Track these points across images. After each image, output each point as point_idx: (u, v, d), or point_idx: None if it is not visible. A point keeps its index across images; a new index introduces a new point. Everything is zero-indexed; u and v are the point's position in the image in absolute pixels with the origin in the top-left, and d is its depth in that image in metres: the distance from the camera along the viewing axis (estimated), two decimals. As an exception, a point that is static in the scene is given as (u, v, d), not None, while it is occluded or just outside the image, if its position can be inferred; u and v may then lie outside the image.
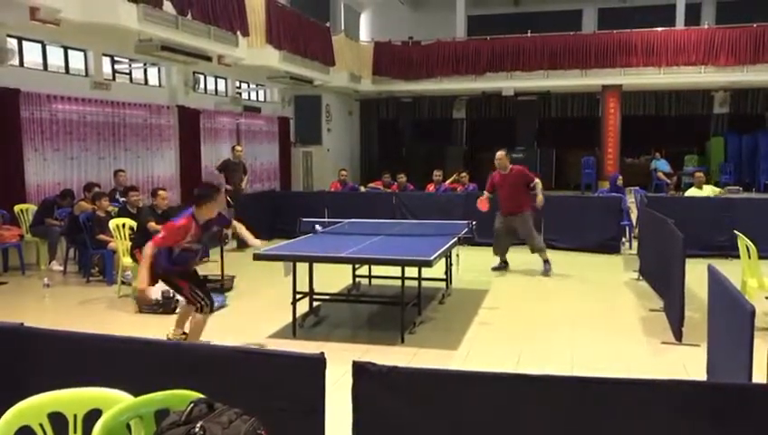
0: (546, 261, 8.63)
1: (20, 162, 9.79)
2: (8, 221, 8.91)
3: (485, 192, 8.85)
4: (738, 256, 6.47)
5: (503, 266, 8.91)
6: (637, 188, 12.72)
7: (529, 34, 18.40)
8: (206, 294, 5.41)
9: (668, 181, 17.47)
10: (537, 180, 8.70)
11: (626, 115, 19.27)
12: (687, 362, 5.00)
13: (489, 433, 2.51)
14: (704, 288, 4.47)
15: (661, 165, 18.39)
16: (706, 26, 17.96)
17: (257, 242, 5.58)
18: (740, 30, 16.78)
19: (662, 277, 6.64)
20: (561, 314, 6.70)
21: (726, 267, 4.46)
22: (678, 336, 5.53)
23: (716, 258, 7.46)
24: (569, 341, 5.79)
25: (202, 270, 8.15)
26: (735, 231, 6.45)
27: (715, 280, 3.92)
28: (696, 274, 5.44)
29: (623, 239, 10.39)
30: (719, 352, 3.90)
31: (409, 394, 2.53)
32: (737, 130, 19.55)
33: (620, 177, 12.00)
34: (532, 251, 8.73)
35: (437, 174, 11.98)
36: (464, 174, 12.12)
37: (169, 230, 5.15)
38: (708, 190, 10.71)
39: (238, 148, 11.76)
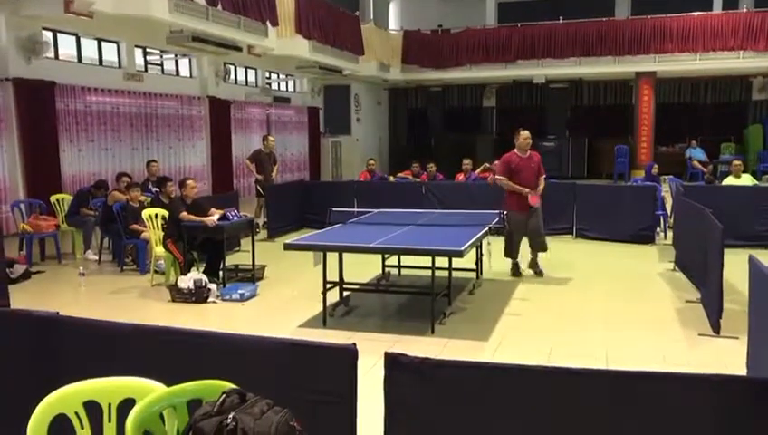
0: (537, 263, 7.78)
1: (56, 153, 9.99)
2: (45, 211, 9.09)
3: (501, 177, 7.72)
4: (779, 247, 6.29)
5: (519, 269, 7.77)
6: (671, 176, 12.46)
7: (561, 21, 18.13)
8: None
9: (704, 170, 17.10)
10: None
11: (660, 103, 18.90)
12: (726, 356, 4.88)
13: (520, 426, 2.47)
14: (742, 279, 4.36)
15: (696, 153, 18.00)
16: (745, 10, 17.46)
17: None
18: (780, 13, 16.30)
19: (699, 268, 6.48)
20: (594, 306, 6.59)
21: (766, 258, 4.33)
22: (716, 328, 5.40)
23: (755, 248, 7.27)
24: (602, 333, 5.70)
25: (233, 260, 8.25)
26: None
27: (757, 270, 3.81)
28: (733, 264, 5.31)
29: (658, 229, 10.19)
30: (761, 346, 3.79)
31: (441, 386, 2.50)
32: (777, 117, 19.04)
33: (656, 165, 11.77)
34: (539, 249, 7.70)
35: (467, 163, 11.87)
36: (496, 162, 11.97)
37: None
38: (746, 179, 10.44)
39: (271, 138, 11.80)
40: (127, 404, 2.25)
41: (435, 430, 2.53)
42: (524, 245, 7.82)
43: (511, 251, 7.73)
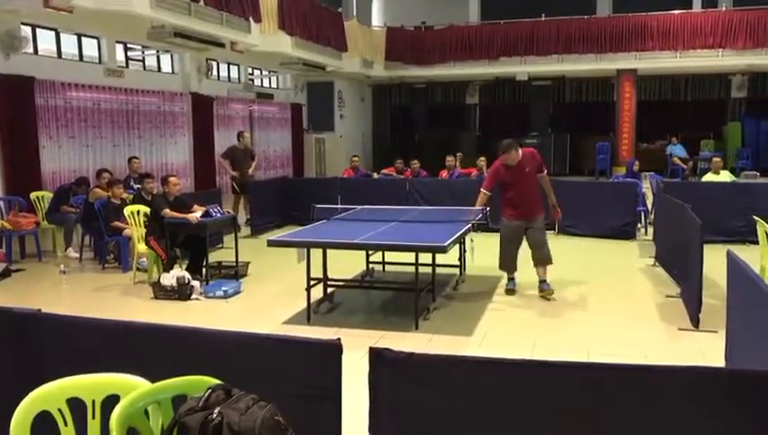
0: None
1: (35, 150, 9.85)
2: (25, 208, 8.98)
3: (484, 191, 6.88)
4: (756, 242, 6.39)
5: (514, 286, 6.98)
6: (652, 173, 12.60)
7: (543, 18, 18.21)
8: None
9: (684, 167, 17.30)
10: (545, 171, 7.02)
11: (641, 100, 19.06)
12: (705, 349, 4.97)
13: (504, 419, 2.50)
14: (721, 274, 4.42)
15: (677, 150, 18.19)
16: (724, 8, 17.66)
17: None
18: (759, 12, 16.48)
19: (679, 263, 6.58)
20: (576, 301, 6.66)
21: (744, 253, 4.40)
22: (696, 323, 5.49)
23: (734, 244, 7.40)
24: (584, 327, 5.76)
25: (216, 256, 8.21)
26: (754, 216, 6.37)
27: (735, 266, 3.87)
28: (713, 259, 5.38)
29: (639, 225, 10.30)
30: (738, 339, 3.86)
31: (426, 380, 2.52)
32: (755, 115, 19.27)
33: (637, 162, 11.89)
34: (544, 262, 6.83)
35: (450, 160, 11.93)
36: (482, 159, 12.08)
37: None
38: (725, 176, 10.59)
39: (246, 134, 11.78)
40: (111, 401, 2.25)
41: (419, 424, 2.55)
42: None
43: (504, 263, 6.89)
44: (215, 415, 1.90)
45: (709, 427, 2.36)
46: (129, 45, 12.19)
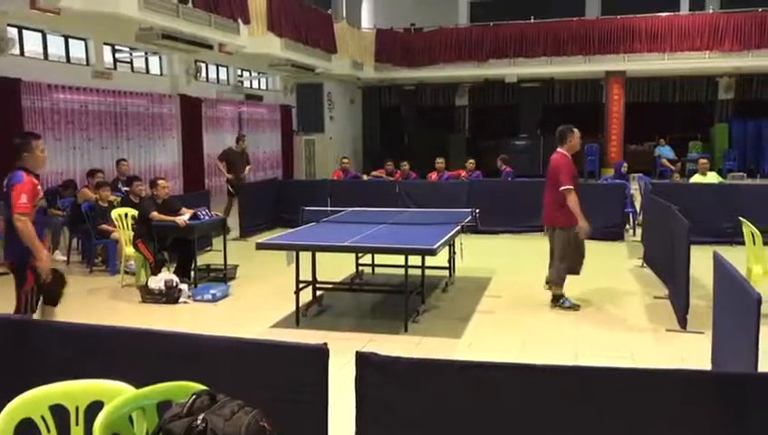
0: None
1: (22, 152, 9.77)
2: (11, 211, 8.90)
3: (573, 187, 6.59)
4: (743, 243, 6.43)
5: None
6: (640, 174, 12.67)
7: (532, 20, 18.28)
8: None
9: (672, 168, 17.40)
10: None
11: (630, 102, 19.17)
12: (692, 350, 4.99)
13: (492, 423, 2.50)
14: (708, 275, 4.45)
15: (665, 151, 18.31)
16: (711, 11, 17.81)
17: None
18: (745, 14, 16.64)
19: (667, 264, 6.61)
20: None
21: (731, 254, 4.44)
22: (683, 324, 5.52)
23: (721, 245, 7.43)
24: (572, 329, 5.78)
25: (205, 259, 8.17)
26: (740, 218, 6.41)
27: (721, 267, 3.89)
28: (700, 261, 5.42)
29: (627, 226, 10.34)
30: (724, 340, 3.87)
31: (413, 384, 2.52)
32: (742, 117, 19.44)
33: (625, 164, 11.94)
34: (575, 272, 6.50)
35: (440, 162, 11.94)
36: (471, 161, 12.10)
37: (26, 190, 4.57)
38: (712, 177, 10.65)
39: (245, 138, 11.76)
40: (95, 407, 2.22)
41: (406, 429, 2.55)
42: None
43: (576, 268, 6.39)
44: (199, 421, 1.88)
45: (695, 428, 2.37)
46: (116, 47, 12.13)
